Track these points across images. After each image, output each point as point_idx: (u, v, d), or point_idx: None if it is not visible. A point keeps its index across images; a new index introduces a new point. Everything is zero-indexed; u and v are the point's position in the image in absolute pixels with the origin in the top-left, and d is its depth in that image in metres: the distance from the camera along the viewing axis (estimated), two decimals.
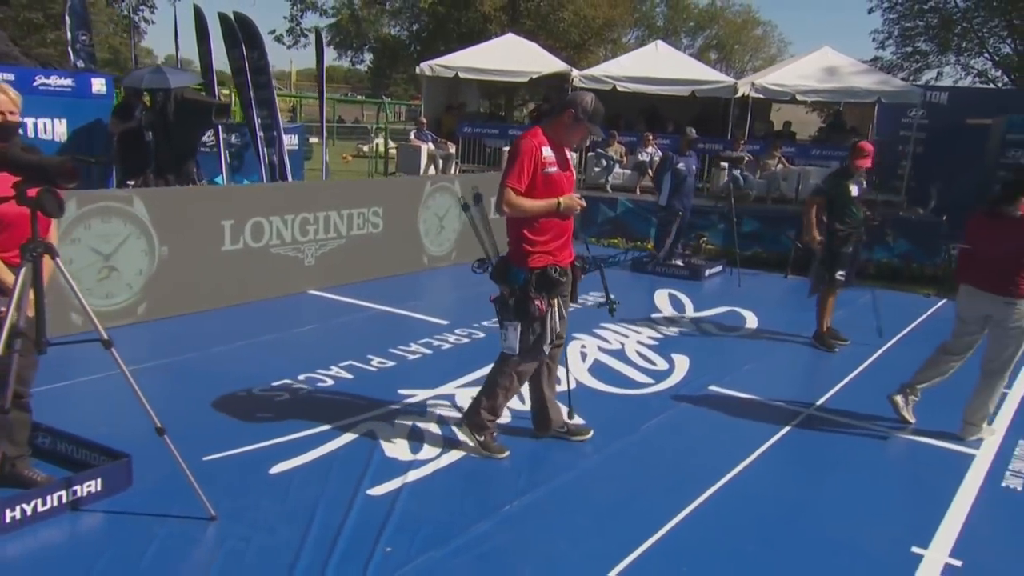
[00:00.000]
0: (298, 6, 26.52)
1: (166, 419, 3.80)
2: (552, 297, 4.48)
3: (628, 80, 16.32)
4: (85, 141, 10.55)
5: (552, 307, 4.50)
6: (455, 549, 3.66)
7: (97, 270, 6.25)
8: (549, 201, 4.38)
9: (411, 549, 3.62)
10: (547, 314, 4.48)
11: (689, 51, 58.44)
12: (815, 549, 3.89)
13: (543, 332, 4.50)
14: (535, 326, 4.48)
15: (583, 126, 4.43)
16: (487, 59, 16.50)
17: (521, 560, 3.64)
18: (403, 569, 3.47)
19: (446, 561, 3.57)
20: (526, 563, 3.62)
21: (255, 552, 3.51)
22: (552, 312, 4.50)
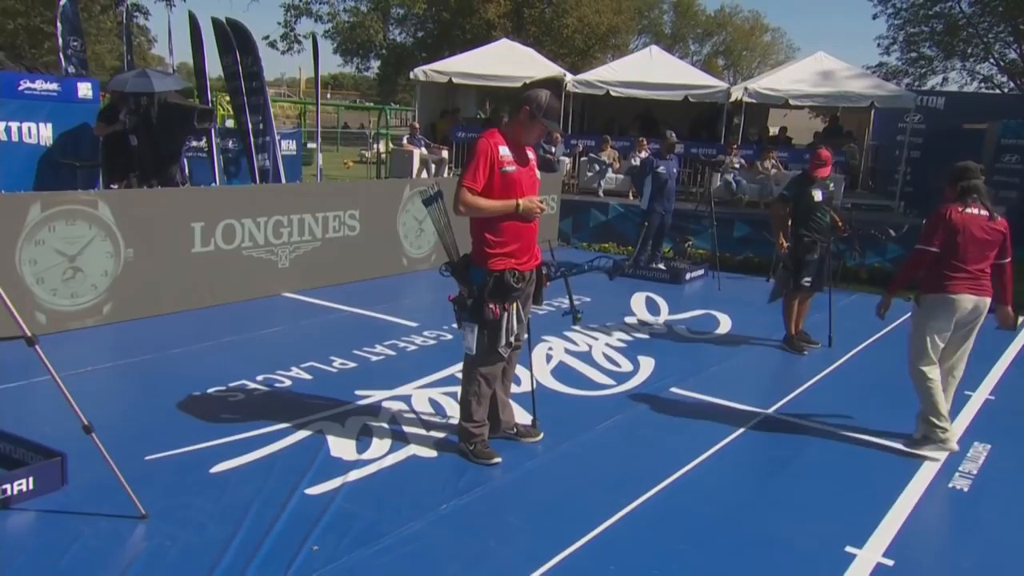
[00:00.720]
0: (292, 12, 26.66)
1: (114, 418, 3.87)
2: (507, 302, 4.46)
3: (621, 85, 16.32)
4: (71, 145, 10.61)
5: (508, 311, 4.48)
6: (383, 548, 3.66)
7: (62, 271, 6.29)
8: (507, 202, 4.38)
9: (338, 548, 3.62)
10: (502, 318, 4.46)
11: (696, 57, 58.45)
12: (747, 547, 3.87)
13: (497, 336, 4.49)
14: (489, 329, 4.48)
15: (539, 123, 4.43)
16: (481, 64, 16.54)
17: (447, 558, 3.63)
18: (326, 568, 3.46)
19: (371, 560, 3.56)
20: (452, 561, 3.61)
21: (179, 551, 3.52)
22: (508, 316, 4.49)
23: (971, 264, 4.91)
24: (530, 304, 4.81)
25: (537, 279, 4.79)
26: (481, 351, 4.55)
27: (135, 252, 6.67)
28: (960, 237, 4.89)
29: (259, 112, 14.64)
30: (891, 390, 6.23)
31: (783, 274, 7.15)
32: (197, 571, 3.37)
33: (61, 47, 12.93)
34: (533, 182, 4.61)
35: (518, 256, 4.49)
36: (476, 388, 4.64)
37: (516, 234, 4.47)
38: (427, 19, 39.23)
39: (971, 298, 4.92)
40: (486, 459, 4.62)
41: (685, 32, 57.62)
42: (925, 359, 5.04)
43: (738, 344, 7.41)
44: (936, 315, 4.96)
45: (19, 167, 9.84)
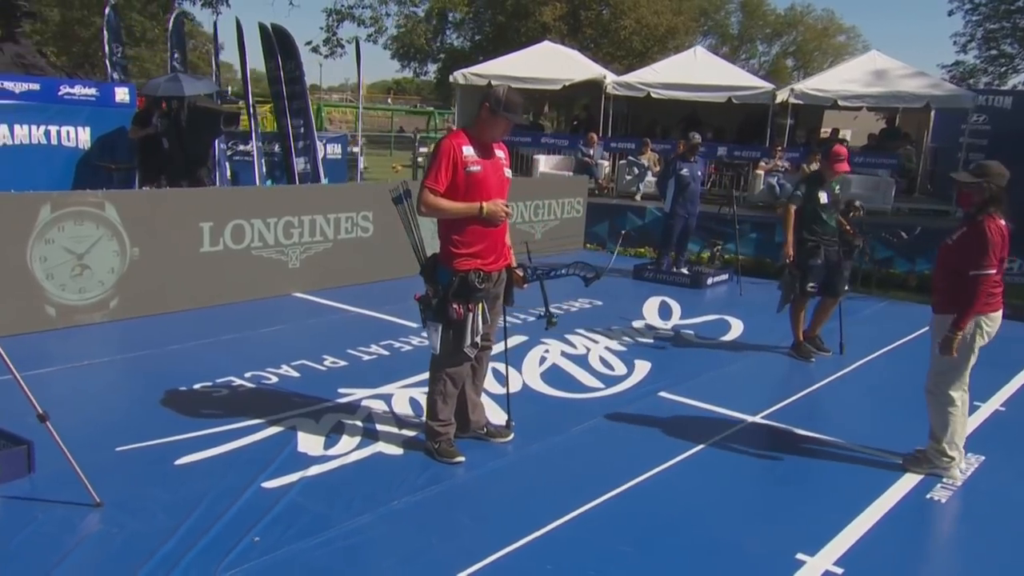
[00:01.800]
0: (334, 17, 27.11)
1: (95, 411, 4.05)
2: (471, 302, 4.53)
3: (663, 87, 16.23)
4: (108, 148, 11.08)
5: (472, 312, 4.54)
6: (323, 541, 3.76)
7: (71, 268, 6.59)
8: (470, 205, 4.45)
9: (279, 540, 3.74)
10: (466, 318, 4.53)
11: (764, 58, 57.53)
12: (693, 551, 3.87)
13: (462, 336, 4.56)
14: (455, 329, 4.55)
15: (500, 118, 4.49)
16: (521, 67, 16.65)
17: (384, 554, 3.71)
18: (261, 559, 3.58)
19: (309, 552, 3.67)
20: (388, 556, 3.70)
21: (124, 538, 3.68)
22: (473, 316, 4.56)
23: (1000, 277, 4.69)
24: (500, 305, 4.87)
25: (508, 280, 4.86)
26: (446, 351, 4.63)
27: (141, 251, 6.94)
28: (1002, 252, 4.60)
29: (300, 116, 15.03)
30: (891, 402, 6.11)
31: (788, 279, 7.04)
32: (136, 558, 3.52)
33: (107, 54, 13.49)
34: (502, 182, 4.67)
35: (484, 256, 4.56)
36: (442, 387, 4.72)
37: (482, 235, 4.53)
38: (483, 22, 39.60)
39: (1000, 313, 4.76)
40: (449, 458, 4.69)
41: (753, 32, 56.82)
42: (960, 384, 4.75)
43: (744, 350, 7.33)
44: (984, 336, 4.68)
45: (59, 170, 10.28)
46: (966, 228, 4.60)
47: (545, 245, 11.27)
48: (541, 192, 11.55)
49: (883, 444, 5.23)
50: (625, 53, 37.73)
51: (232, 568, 3.49)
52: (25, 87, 10.46)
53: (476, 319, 4.58)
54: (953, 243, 4.65)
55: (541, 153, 16.33)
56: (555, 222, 11.47)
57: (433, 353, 4.68)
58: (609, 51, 37.56)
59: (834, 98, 16.05)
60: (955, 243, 4.63)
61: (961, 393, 4.80)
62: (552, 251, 11.24)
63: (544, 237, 11.22)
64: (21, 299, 6.35)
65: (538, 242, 11.00)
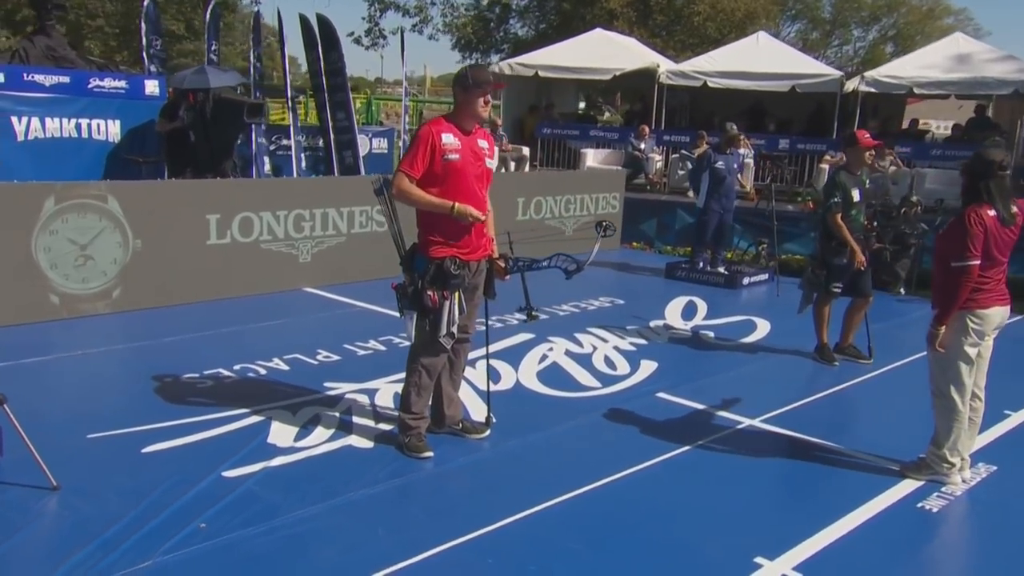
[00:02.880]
0: (376, 6, 27.48)
1: (76, 399, 4.33)
2: (447, 290, 4.70)
3: (720, 75, 16.14)
4: (138, 141, 11.64)
5: (447, 300, 4.72)
6: (269, 529, 3.98)
7: (74, 258, 7.00)
8: (442, 202, 4.63)
9: (225, 527, 3.97)
10: (442, 307, 4.71)
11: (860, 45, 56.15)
12: (645, 551, 3.97)
13: (438, 325, 4.74)
14: (430, 318, 4.74)
15: (472, 94, 4.64)
16: (570, 56, 16.75)
17: (326, 543, 3.91)
18: (203, 544, 3.82)
19: (252, 539, 3.89)
20: (332, 545, 3.89)
21: (73, 522, 3.96)
22: (448, 305, 4.73)
23: (996, 271, 4.66)
24: (479, 296, 5.03)
25: (489, 272, 5.02)
26: (422, 341, 4.82)
27: (143, 243, 7.32)
28: (992, 243, 4.54)
29: (342, 109, 15.45)
30: (910, 410, 6.03)
31: (811, 278, 7.01)
32: (80, 541, 3.79)
33: (144, 46, 14.09)
34: (482, 172, 4.81)
35: (461, 246, 4.73)
36: (417, 379, 4.90)
37: (454, 223, 4.69)
38: (548, 10, 39.72)
39: (1000, 310, 4.73)
40: (416, 452, 4.87)
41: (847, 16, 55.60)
42: (962, 386, 4.72)
43: (764, 352, 7.33)
44: (972, 334, 4.65)
45: (89, 163, 10.83)
46: (953, 218, 4.58)
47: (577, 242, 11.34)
48: (572, 186, 11.66)
49: (889, 452, 5.19)
50: (699, 41, 37.33)
51: (172, 552, 3.74)
52: (56, 80, 11.04)
53: (452, 308, 4.75)
54: (941, 234, 4.64)
55: (590, 147, 16.39)
56: (588, 217, 11.56)
57: (411, 344, 4.87)
58: (681, 39, 37.27)
59: (910, 85, 15.72)
60: (943, 234, 4.62)
61: (964, 398, 4.75)
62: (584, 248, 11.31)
63: (576, 233, 11.32)
64: (26, 288, 6.78)
65: (569, 239, 11.12)
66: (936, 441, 4.84)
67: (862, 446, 5.32)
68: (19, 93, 10.56)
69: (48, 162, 10.43)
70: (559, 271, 5.47)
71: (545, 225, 10.96)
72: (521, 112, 18.01)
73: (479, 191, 4.77)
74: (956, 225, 4.50)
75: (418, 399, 4.94)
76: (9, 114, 10.51)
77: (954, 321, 4.59)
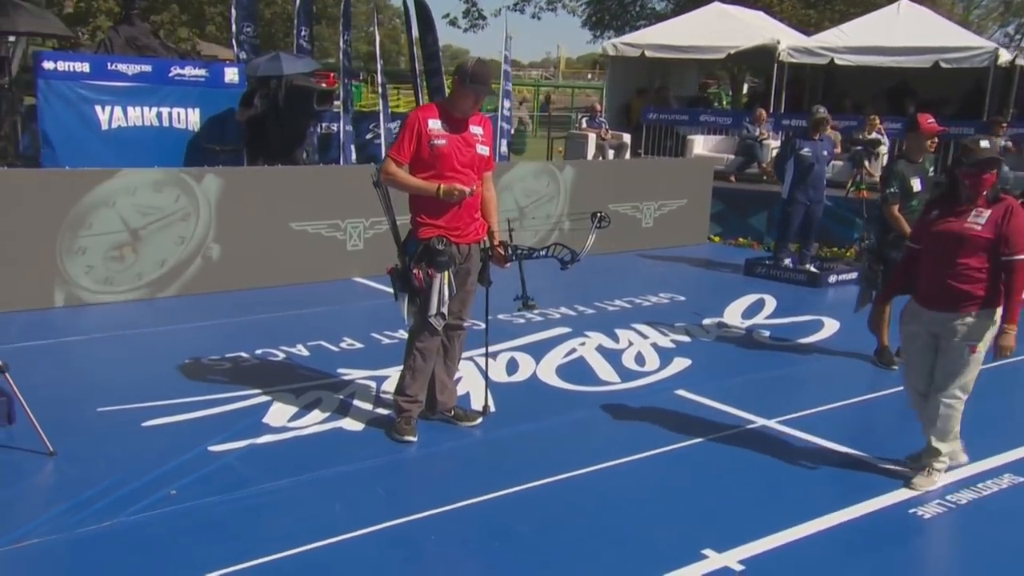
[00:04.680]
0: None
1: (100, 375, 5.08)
2: (433, 267, 5.21)
3: (850, 51, 15.98)
4: (218, 130, 12.70)
5: (433, 279, 5.23)
6: (233, 498, 4.59)
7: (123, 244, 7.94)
8: (428, 185, 5.15)
9: (193, 494, 4.61)
10: (430, 286, 5.23)
11: None
12: (592, 537, 4.35)
13: (427, 305, 5.27)
14: (419, 298, 5.28)
15: (467, 89, 5.14)
16: (680, 35, 16.95)
17: (284, 512, 4.49)
18: (167, 508, 4.45)
19: (213, 506, 4.51)
20: (287, 515, 4.46)
21: (57, 483, 4.71)
22: (439, 285, 5.24)
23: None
24: (473, 282, 5.51)
25: (484, 259, 5.50)
26: (416, 324, 5.36)
27: (194, 229, 8.17)
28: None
29: (439, 93, 16.28)
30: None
31: (868, 275, 7.12)
32: (57, 500, 4.50)
33: (234, 33, 15.24)
34: (472, 158, 5.29)
35: (450, 229, 5.24)
36: (412, 362, 5.45)
37: (440, 207, 5.19)
38: None
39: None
40: (400, 435, 5.41)
41: None
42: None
43: (817, 354, 7.49)
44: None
45: (169, 152, 11.91)
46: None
47: (655, 236, 11.64)
48: (651, 174, 11.90)
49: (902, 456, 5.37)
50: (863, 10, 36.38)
51: (136, 514, 4.38)
52: (138, 69, 12.19)
53: (442, 288, 5.25)
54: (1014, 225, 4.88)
55: (701, 133, 16.54)
56: (669, 209, 11.81)
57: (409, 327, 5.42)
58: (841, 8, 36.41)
59: None
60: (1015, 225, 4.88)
61: None
62: (663, 243, 11.62)
63: (655, 225, 11.59)
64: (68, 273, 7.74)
65: (647, 231, 11.43)
66: (941, 445, 5.05)
67: (878, 452, 5.49)
68: (103, 83, 11.75)
69: (130, 151, 11.49)
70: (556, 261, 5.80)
71: (618, 216, 11.25)
72: (628, 96, 18.28)
73: (470, 175, 5.24)
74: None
75: (412, 382, 5.47)
76: (93, 103, 11.70)
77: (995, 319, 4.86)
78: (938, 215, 4.93)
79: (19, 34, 11.70)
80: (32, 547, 4.05)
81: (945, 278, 4.89)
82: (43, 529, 4.20)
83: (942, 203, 4.96)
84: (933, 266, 4.96)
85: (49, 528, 4.22)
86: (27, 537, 4.11)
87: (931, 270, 4.97)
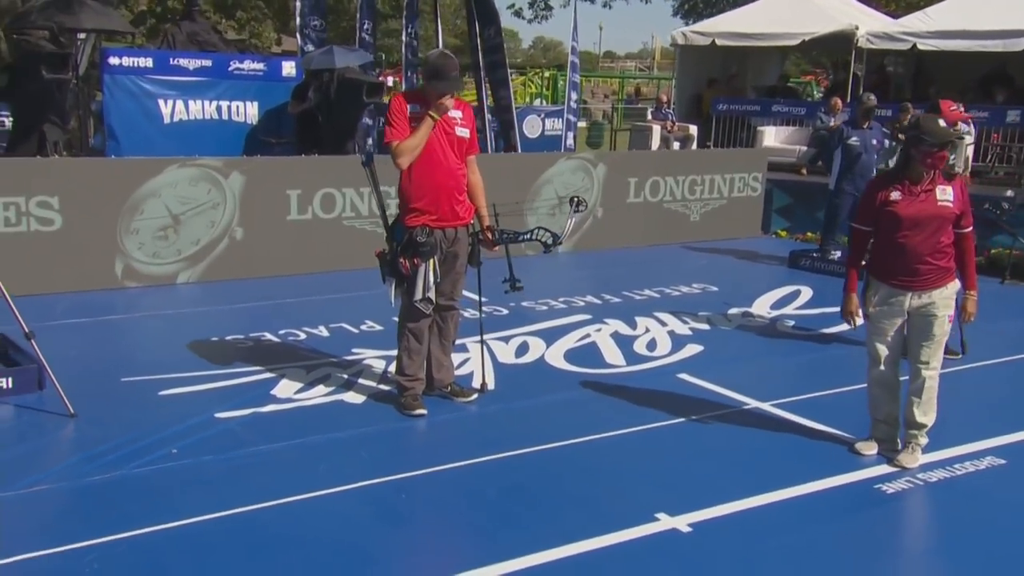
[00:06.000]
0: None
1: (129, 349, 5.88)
2: (418, 257, 5.81)
3: (935, 36, 15.98)
4: (275, 122, 13.58)
5: (418, 266, 5.82)
6: (226, 458, 5.25)
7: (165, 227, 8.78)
8: (425, 124, 5.66)
9: (192, 453, 5.28)
10: (415, 273, 5.82)
11: None
12: (554, 500, 4.88)
13: (413, 290, 5.86)
14: (406, 283, 5.88)
15: (430, 87, 5.72)
16: (752, 21, 17.19)
17: (269, 470, 5.12)
18: (165, 464, 5.13)
19: (206, 464, 5.16)
20: (271, 473, 5.09)
21: (73, 440, 5.44)
22: (421, 271, 5.84)
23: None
24: (461, 264, 6.07)
25: (474, 242, 6.06)
26: (404, 306, 5.95)
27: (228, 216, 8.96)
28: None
29: (503, 87, 16.91)
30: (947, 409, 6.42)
31: None
32: (70, 453, 5.25)
33: (299, 26, 16.10)
34: (451, 140, 5.81)
35: (430, 212, 5.81)
36: (406, 343, 6.04)
37: (423, 191, 5.76)
38: None
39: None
40: (410, 410, 6.00)
41: None
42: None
43: (836, 343, 7.81)
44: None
45: (228, 144, 12.77)
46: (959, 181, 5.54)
47: (705, 229, 11.99)
48: (700, 165, 12.24)
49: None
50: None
51: (139, 468, 5.08)
52: (198, 63, 13.13)
53: (427, 275, 5.83)
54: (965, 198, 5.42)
55: (774, 124, 16.76)
56: (720, 202, 12.15)
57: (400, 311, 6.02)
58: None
59: None
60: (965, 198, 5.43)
61: None
62: (713, 236, 11.98)
63: (703, 219, 11.96)
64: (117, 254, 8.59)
65: (695, 224, 11.80)
66: (928, 419, 5.46)
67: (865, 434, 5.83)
68: (165, 77, 12.71)
69: (190, 144, 12.34)
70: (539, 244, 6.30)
71: (664, 209, 11.69)
72: (699, 87, 18.58)
73: (452, 159, 5.80)
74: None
75: (410, 362, 6.05)
76: (156, 98, 12.68)
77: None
78: (901, 197, 5.27)
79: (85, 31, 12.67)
80: (42, 491, 4.77)
81: (927, 256, 5.27)
82: (53, 477, 4.92)
83: (895, 184, 5.30)
84: (913, 248, 5.29)
85: (58, 476, 4.93)
86: (38, 483, 4.83)
87: (910, 252, 5.30)
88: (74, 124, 13.05)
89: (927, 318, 5.33)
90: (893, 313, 5.40)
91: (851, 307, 5.63)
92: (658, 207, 11.61)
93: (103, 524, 4.39)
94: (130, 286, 8.75)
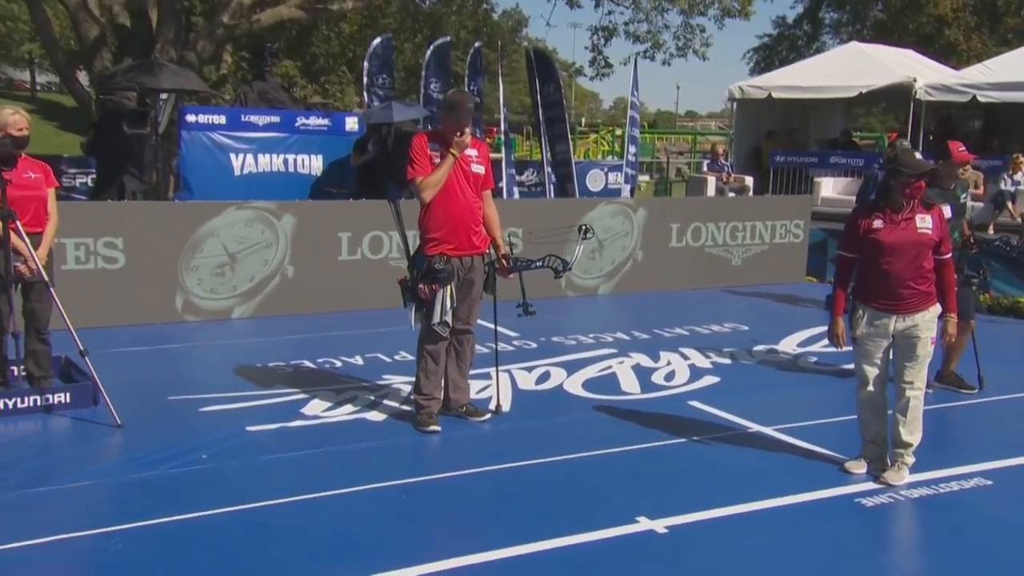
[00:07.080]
0: (600, 34, 28.82)
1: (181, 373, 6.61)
2: (436, 283, 6.34)
3: (994, 88, 16.14)
4: (337, 174, 14.41)
5: (436, 292, 6.35)
6: (249, 463, 5.81)
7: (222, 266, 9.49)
8: (445, 160, 6.24)
9: (219, 458, 5.84)
10: (433, 299, 6.35)
11: None
12: (544, 505, 5.31)
13: (431, 314, 6.39)
14: (425, 308, 6.41)
15: (450, 118, 6.29)
16: (809, 75, 17.55)
17: (281, 472, 5.66)
18: (196, 467, 5.70)
19: (232, 467, 5.73)
20: (282, 474, 5.62)
21: (117, 445, 6.07)
22: (439, 296, 6.36)
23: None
24: (477, 291, 6.58)
25: (491, 271, 6.58)
26: (423, 329, 6.48)
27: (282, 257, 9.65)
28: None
29: (562, 141, 17.61)
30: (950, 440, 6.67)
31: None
32: (112, 456, 5.87)
33: (366, 85, 17.02)
34: (468, 176, 6.38)
35: (448, 242, 6.35)
36: (424, 364, 6.56)
37: (441, 222, 6.31)
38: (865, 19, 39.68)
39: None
40: (424, 427, 6.50)
41: None
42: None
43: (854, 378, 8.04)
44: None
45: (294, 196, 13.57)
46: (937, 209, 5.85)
47: (747, 274, 12.29)
48: (742, 211, 12.59)
49: None
50: None
51: (174, 469, 5.66)
52: (268, 120, 14.08)
53: (445, 300, 6.35)
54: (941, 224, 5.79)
55: (831, 175, 17.01)
56: (761, 247, 12.45)
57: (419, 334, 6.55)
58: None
59: None
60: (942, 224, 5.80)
61: None
62: (755, 281, 12.26)
63: (744, 265, 12.27)
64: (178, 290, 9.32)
65: (736, 269, 12.12)
66: (913, 437, 5.77)
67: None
68: (237, 133, 13.66)
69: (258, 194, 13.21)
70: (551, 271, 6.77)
71: (706, 254, 12.05)
72: (758, 139, 18.93)
73: (468, 193, 6.35)
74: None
75: (427, 382, 6.56)
76: (228, 151, 13.62)
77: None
78: (883, 225, 5.63)
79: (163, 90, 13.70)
80: (83, 487, 5.38)
81: (909, 281, 5.63)
82: (93, 475, 5.54)
83: (877, 213, 5.66)
84: (895, 273, 5.65)
85: (98, 475, 5.55)
86: (80, 480, 5.45)
87: (893, 277, 5.66)
88: (154, 178, 14.01)
89: (911, 340, 5.66)
90: (879, 335, 5.73)
91: (837, 330, 5.94)
92: (700, 252, 11.97)
93: (130, 513, 4.98)
94: (189, 320, 9.46)
